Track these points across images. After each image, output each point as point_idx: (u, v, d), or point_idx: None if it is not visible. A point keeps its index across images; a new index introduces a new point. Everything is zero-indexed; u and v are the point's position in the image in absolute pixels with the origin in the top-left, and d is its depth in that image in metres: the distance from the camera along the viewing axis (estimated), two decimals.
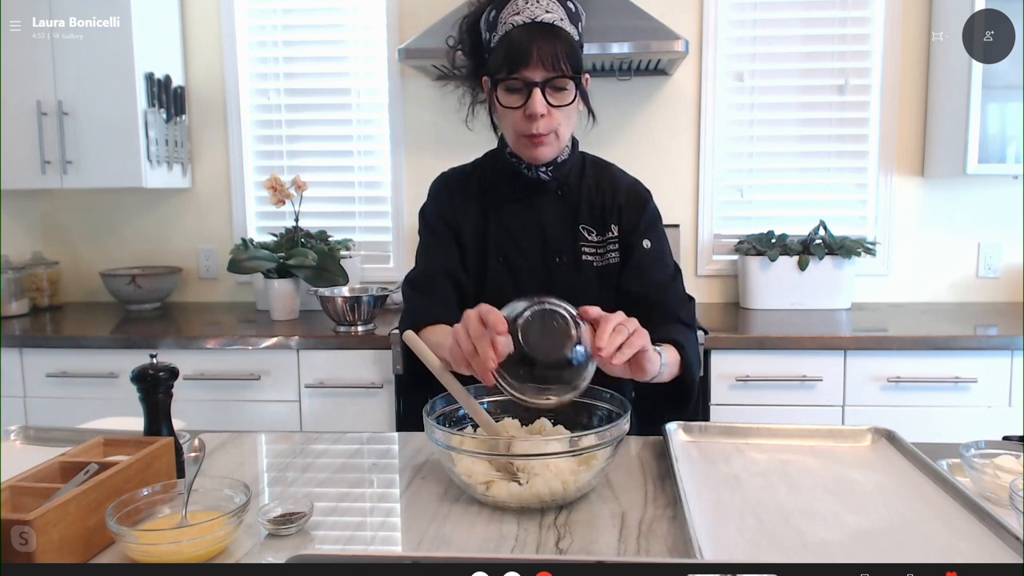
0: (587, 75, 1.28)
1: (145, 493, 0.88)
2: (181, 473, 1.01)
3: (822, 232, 2.58)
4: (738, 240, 2.68)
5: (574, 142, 1.36)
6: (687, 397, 1.21)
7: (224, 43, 2.77)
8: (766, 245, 2.57)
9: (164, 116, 2.61)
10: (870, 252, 2.53)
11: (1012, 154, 2.41)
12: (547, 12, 1.21)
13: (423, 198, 1.41)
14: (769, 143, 2.72)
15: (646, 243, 1.33)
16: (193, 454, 0.94)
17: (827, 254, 2.51)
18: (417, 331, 1.16)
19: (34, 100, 2.47)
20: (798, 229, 2.62)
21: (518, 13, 1.21)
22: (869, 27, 2.64)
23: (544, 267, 1.32)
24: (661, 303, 1.29)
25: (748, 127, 2.72)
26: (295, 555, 0.67)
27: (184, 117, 2.73)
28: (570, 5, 1.24)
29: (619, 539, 0.88)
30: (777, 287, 2.55)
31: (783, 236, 2.61)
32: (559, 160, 1.31)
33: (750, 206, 2.75)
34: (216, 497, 0.90)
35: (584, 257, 1.32)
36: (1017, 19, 2.24)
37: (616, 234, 1.34)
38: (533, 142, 1.24)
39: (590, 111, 1.32)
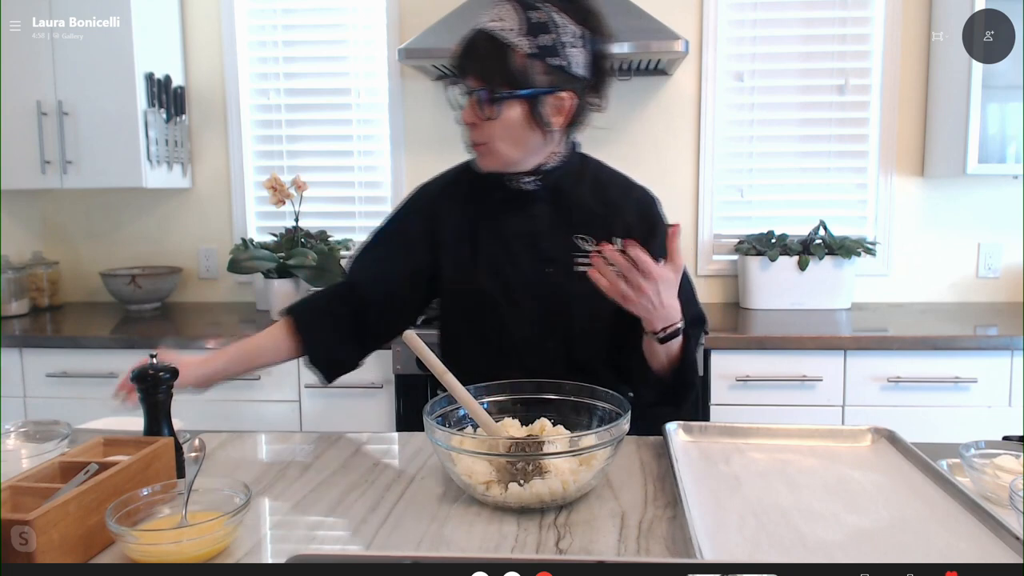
0: (568, 93, 1.18)
1: (145, 493, 0.88)
2: (181, 473, 1.01)
3: (822, 232, 2.58)
4: (738, 240, 2.68)
5: (572, 146, 1.30)
6: (686, 389, 1.22)
7: (224, 43, 2.77)
8: (766, 245, 2.57)
9: (164, 116, 2.61)
10: (870, 252, 2.53)
11: (1012, 154, 2.40)
12: (495, 21, 1.16)
13: None
14: (769, 143, 2.71)
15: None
16: (193, 454, 0.94)
17: (827, 254, 2.51)
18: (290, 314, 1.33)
19: (34, 100, 2.47)
20: (798, 229, 2.62)
21: (480, 18, 1.19)
22: (869, 27, 2.64)
23: (536, 278, 1.28)
24: None
25: (748, 127, 2.71)
26: (295, 555, 0.67)
27: (184, 117, 2.73)
28: (532, 15, 1.15)
29: (619, 539, 0.88)
30: (777, 287, 2.55)
31: (783, 236, 2.61)
32: (545, 167, 1.26)
33: (750, 206, 2.75)
34: (216, 497, 0.90)
35: (578, 268, 1.27)
36: (1017, 19, 2.23)
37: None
38: (474, 148, 1.23)
39: (542, 131, 1.20)
